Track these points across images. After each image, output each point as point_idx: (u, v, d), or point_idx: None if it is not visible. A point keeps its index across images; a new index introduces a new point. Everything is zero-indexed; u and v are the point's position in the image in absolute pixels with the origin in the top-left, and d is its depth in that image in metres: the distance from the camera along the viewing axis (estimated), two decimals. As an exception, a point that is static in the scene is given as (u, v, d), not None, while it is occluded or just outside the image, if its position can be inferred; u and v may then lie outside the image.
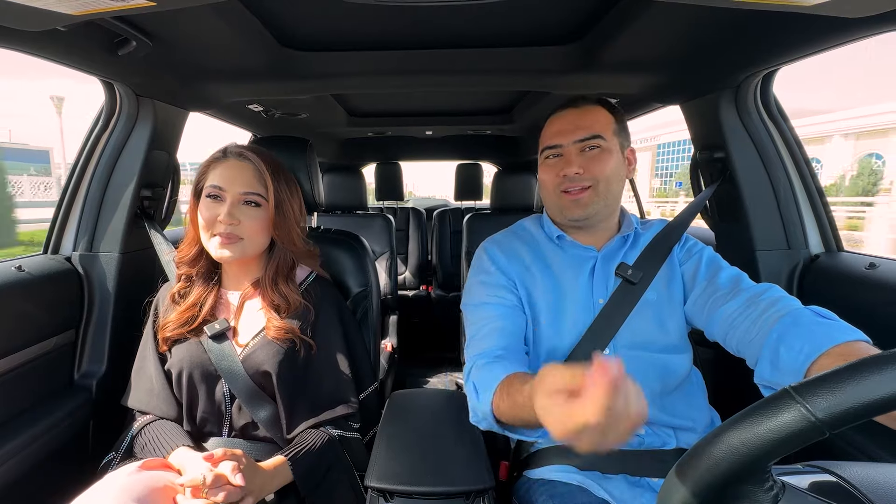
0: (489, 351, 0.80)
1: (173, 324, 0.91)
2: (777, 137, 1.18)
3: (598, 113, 0.87)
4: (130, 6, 0.63)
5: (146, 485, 0.71)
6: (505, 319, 0.84)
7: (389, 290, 2.21)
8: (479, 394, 0.74)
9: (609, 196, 0.86)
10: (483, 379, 0.74)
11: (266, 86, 1.29)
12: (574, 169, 0.83)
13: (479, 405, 0.73)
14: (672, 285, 0.87)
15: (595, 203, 0.84)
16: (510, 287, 0.88)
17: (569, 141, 0.85)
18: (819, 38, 0.84)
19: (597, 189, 0.84)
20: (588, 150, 0.84)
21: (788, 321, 0.67)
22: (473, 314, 0.88)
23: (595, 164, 0.83)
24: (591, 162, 0.84)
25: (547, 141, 0.88)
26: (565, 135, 0.86)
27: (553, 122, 0.89)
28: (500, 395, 0.70)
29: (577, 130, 0.85)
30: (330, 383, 0.95)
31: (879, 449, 0.88)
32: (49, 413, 1.02)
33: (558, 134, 0.87)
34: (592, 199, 0.84)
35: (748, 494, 0.33)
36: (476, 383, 0.75)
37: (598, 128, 0.84)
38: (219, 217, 0.86)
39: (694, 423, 0.83)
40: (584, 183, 0.84)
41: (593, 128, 0.84)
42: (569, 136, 0.85)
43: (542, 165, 0.90)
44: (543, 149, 0.89)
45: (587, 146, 0.84)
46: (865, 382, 0.29)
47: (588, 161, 0.84)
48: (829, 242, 1.18)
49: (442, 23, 1.01)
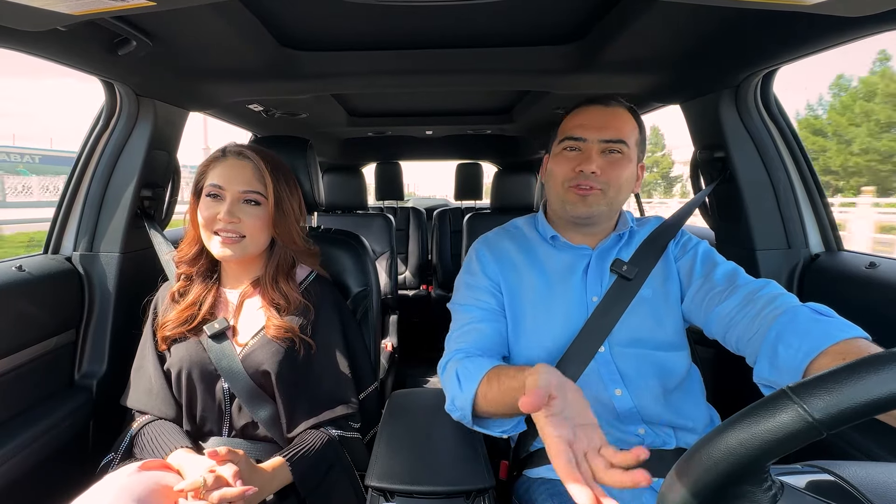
0: (467, 348, 0.81)
1: (172, 323, 0.91)
2: (777, 137, 1.18)
3: (627, 118, 0.84)
4: (130, 6, 0.63)
5: (146, 485, 0.72)
6: (483, 323, 0.85)
7: (389, 290, 2.21)
8: (461, 383, 0.74)
9: (615, 203, 0.84)
10: (467, 370, 0.74)
11: (266, 86, 1.30)
12: (593, 167, 0.80)
13: (461, 394, 0.73)
14: (668, 282, 0.86)
15: (599, 206, 0.83)
16: (492, 290, 0.88)
17: (594, 137, 0.82)
18: (819, 38, 0.84)
19: (606, 194, 0.82)
20: (609, 152, 0.82)
21: (786, 319, 0.66)
22: (456, 314, 0.90)
23: (613, 169, 0.81)
24: (610, 165, 0.81)
25: (570, 131, 0.84)
26: (591, 130, 0.82)
27: (579, 114, 0.86)
28: (487, 383, 0.70)
29: (605, 130, 0.82)
30: (330, 383, 0.95)
31: (879, 448, 0.88)
32: (49, 413, 1.02)
33: (583, 127, 0.83)
34: (599, 201, 0.82)
35: (747, 494, 0.33)
36: (459, 373, 0.75)
37: (624, 133, 0.82)
38: (219, 216, 0.86)
39: (693, 421, 0.82)
40: (597, 184, 0.81)
41: (621, 132, 0.82)
42: (595, 132, 0.82)
43: (558, 156, 0.86)
44: (564, 139, 0.85)
45: (610, 148, 0.82)
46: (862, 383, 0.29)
47: (607, 164, 0.81)
48: (829, 242, 1.18)
49: (442, 23, 1.01)
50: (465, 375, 0.74)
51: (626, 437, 0.80)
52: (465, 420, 0.75)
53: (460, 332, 0.85)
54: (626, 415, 0.81)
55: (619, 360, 0.82)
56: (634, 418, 0.81)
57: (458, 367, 0.76)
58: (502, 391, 0.67)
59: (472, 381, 0.72)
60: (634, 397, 0.81)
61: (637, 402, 0.81)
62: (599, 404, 0.81)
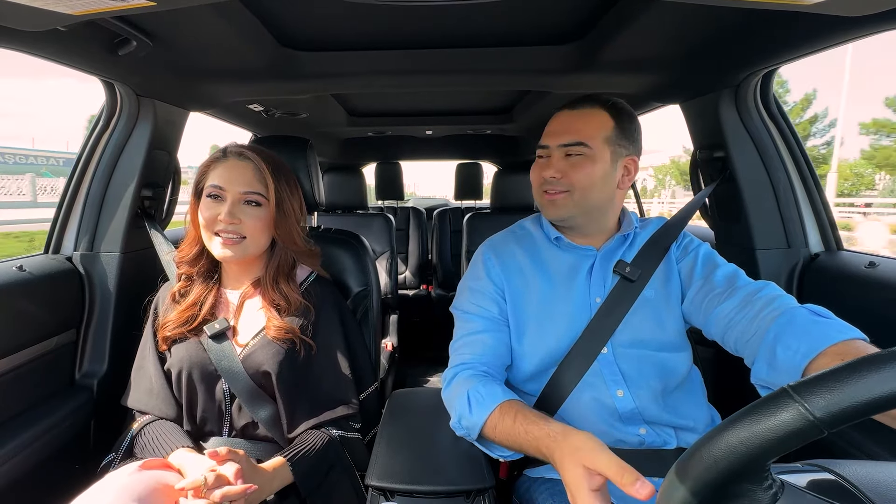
0: (472, 363, 0.83)
1: (173, 323, 0.91)
2: (777, 136, 1.18)
3: (593, 117, 0.84)
4: (130, 6, 0.63)
5: (147, 485, 0.72)
6: (487, 333, 0.86)
7: (390, 290, 2.21)
8: (472, 407, 0.75)
9: (586, 204, 0.85)
10: (480, 395, 0.75)
11: (266, 86, 1.30)
12: (551, 172, 0.84)
13: (471, 418, 0.74)
14: (669, 283, 0.86)
15: (568, 208, 0.85)
16: (496, 297, 0.89)
17: (554, 143, 0.85)
18: (819, 37, 0.84)
19: (572, 195, 0.84)
20: (569, 156, 0.84)
21: (785, 320, 0.67)
22: (460, 320, 0.91)
23: (575, 171, 0.83)
24: (572, 168, 0.83)
25: (541, 140, 0.89)
26: (552, 137, 0.86)
27: (550, 121, 0.89)
28: (500, 415, 0.71)
29: (563, 135, 0.84)
30: (330, 383, 0.95)
31: (878, 447, 0.88)
32: (50, 413, 1.02)
33: (548, 135, 0.87)
34: (567, 202, 0.84)
35: (747, 493, 0.33)
36: (471, 396, 0.76)
37: (585, 134, 0.83)
38: (219, 216, 0.86)
39: (694, 422, 0.83)
40: (560, 187, 0.84)
41: (580, 133, 0.83)
42: (555, 138, 0.85)
43: (534, 164, 0.91)
44: (537, 147, 0.90)
45: (569, 152, 0.84)
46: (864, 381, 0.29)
47: (569, 167, 0.83)
48: (828, 241, 1.18)
49: (442, 22, 1.01)
50: (478, 401, 0.75)
51: (628, 437, 0.81)
52: (470, 438, 0.77)
53: (464, 341, 0.86)
54: (627, 415, 0.81)
55: (621, 360, 0.83)
56: (636, 418, 0.81)
57: (470, 389, 0.77)
58: (518, 432, 0.68)
59: (484, 408, 0.73)
60: (636, 398, 0.81)
61: (638, 403, 0.81)
62: (601, 405, 0.81)
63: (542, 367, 0.84)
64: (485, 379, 0.79)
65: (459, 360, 0.84)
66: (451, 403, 0.80)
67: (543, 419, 0.67)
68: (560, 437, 0.61)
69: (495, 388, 0.76)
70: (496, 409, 0.72)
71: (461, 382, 0.80)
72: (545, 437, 0.63)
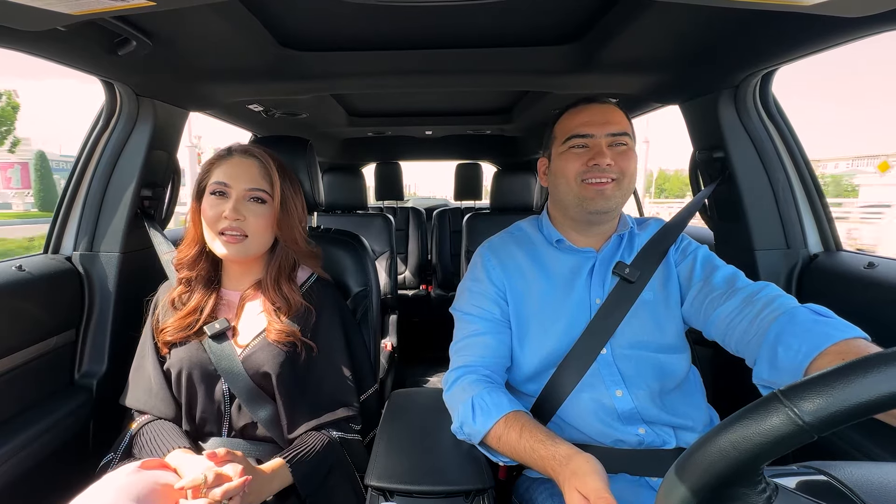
0: (474, 365, 0.83)
1: (173, 328, 0.90)
2: (776, 137, 1.18)
3: (622, 115, 0.87)
4: (130, 6, 0.63)
5: (145, 485, 0.71)
6: (488, 335, 0.86)
7: (389, 290, 2.21)
8: (476, 416, 0.75)
9: (627, 194, 0.86)
10: (485, 404, 0.76)
11: (266, 86, 1.30)
12: (607, 160, 0.82)
13: (474, 426, 0.75)
14: (668, 286, 0.87)
15: (616, 197, 0.84)
16: (497, 298, 0.89)
17: (601, 132, 0.84)
18: (818, 38, 0.84)
19: (621, 184, 0.84)
20: (617, 145, 0.84)
21: (785, 320, 0.67)
22: (460, 322, 0.91)
23: (623, 160, 0.83)
24: (620, 157, 0.83)
25: (575, 129, 0.86)
26: (596, 126, 0.84)
27: (578, 113, 0.87)
28: (504, 427, 0.72)
29: (609, 124, 0.84)
30: (331, 385, 0.95)
31: (878, 447, 0.88)
32: (49, 413, 1.02)
33: (588, 125, 0.85)
34: (615, 191, 0.84)
35: (741, 496, 0.33)
36: (476, 404, 0.76)
37: (625, 126, 0.85)
38: (224, 213, 0.86)
39: (693, 422, 0.83)
40: (612, 175, 0.83)
41: (623, 125, 0.85)
42: (601, 128, 0.84)
43: (564, 154, 0.86)
44: (569, 137, 0.86)
45: (617, 141, 0.84)
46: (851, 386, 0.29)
47: (617, 155, 0.83)
48: (828, 242, 1.18)
49: (442, 23, 1.01)
50: (483, 409, 0.75)
51: (627, 437, 0.81)
52: (472, 442, 0.78)
53: (465, 343, 0.87)
54: (626, 415, 0.81)
55: (620, 361, 0.83)
56: (634, 418, 0.81)
57: (475, 396, 0.77)
58: (523, 448, 0.69)
59: (489, 418, 0.74)
60: (634, 398, 0.81)
61: (637, 403, 0.81)
62: (600, 405, 0.81)
63: (542, 368, 0.85)
64: (490, 386, 0.79)
65: (461, 363, 0.84)
66: (453, 407, 0.81)
67: (550, 438, 0.68)
68: (564, 460, 0.63)
69: (501, 397, 0.76)
70: (501, 420, 0.73)
71: (465, 387, 0.80)
72: (550, 460, 0.65)
